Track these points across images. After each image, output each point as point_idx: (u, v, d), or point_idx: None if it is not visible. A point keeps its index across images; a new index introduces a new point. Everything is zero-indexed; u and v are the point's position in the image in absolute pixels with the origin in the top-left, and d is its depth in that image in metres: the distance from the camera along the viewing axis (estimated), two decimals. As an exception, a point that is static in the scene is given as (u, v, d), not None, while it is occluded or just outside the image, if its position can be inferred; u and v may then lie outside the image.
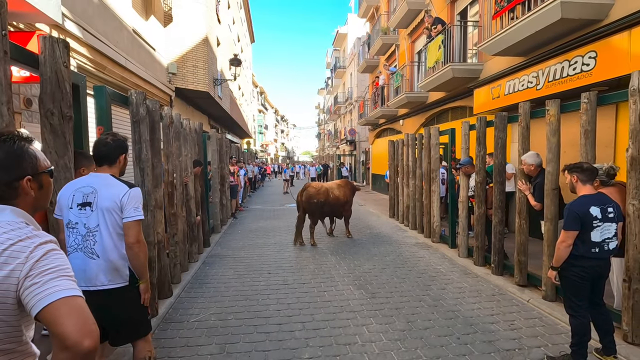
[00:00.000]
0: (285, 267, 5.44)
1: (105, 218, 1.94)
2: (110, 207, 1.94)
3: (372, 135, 19.69)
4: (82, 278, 1.93)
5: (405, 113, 13.69)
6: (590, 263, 2.62)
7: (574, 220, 2.60)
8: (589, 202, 2.64)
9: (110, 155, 2.06)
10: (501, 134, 4.87)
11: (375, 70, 18.53)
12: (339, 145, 32.83)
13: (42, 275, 0.89)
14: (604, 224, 2.61)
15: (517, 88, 6.81)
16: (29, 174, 1.03)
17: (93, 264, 1.94)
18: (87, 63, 5.56)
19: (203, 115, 14.93)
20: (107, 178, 2.03)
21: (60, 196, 2.01)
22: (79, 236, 1.95)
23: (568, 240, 2.62)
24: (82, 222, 1.95)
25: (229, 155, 10.26)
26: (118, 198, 1.95)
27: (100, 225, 1.94)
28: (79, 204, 1.95)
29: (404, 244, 6.92)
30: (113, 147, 2.06)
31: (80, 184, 2.01)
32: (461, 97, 9.62)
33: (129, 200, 1.97)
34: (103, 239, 1.95)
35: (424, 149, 7.45)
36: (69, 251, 1.96)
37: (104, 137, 2.08)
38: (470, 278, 4.91)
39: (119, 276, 2.00)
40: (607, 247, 2.62)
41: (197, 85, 10.33)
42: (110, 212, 1.95)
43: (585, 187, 2.72)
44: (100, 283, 1.95)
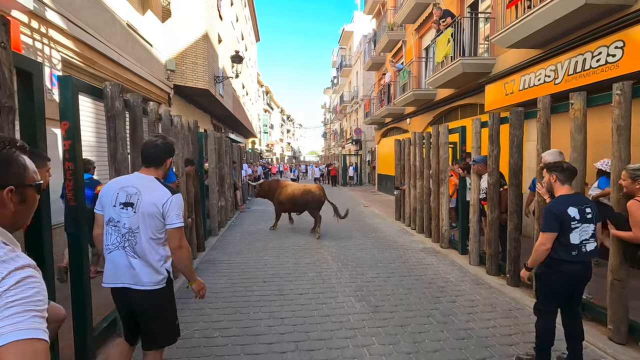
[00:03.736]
0: (282, 274, 5.06)
1: (146, 221, 1.97)
2: (152, 212, 1.96)
3: (378, 134, 19.25)
4: (128, 276, 1.97)
5: (412, 111, 13.24)
6: (570, 267, 2.54)
7: (552, 221, 2.52)
8: (566, 202, 2.57)
9: (159, 158, 2.09)
10: (517, 131, 4.44)
11: (382, 67, 18.08)
12: (344, 145, 32.41)
13: (6, 307, 0.79)
14: (583, 225, 2.53)
15: (533, 83, 6.35)
16: (12, 184, 0.93)
17: (135, 263, 1.97)
18: (74, 57, 5.25)
19: (205, 114, 14.65)
20: (152, 181, 2.05)
21: (104, 192, 2.05)
22: (119, 235, 1.98)
23: (547, 242, 2.55)
24: (123, 222, 1.98)
25: (229, 154, 9.93)
26: (160, 204, 1.97)
27: (140, 228, 1.97)
28: (122, 202, 1.98)
29: (410, 249, 6.51)
30: (162, 149, 2.09)
31: (126, 183, 2.04)
32: (471, 94, 9.16)
33: (171, 206, 1.99)
34: (142, 241, 1.97)
35: (432, 148, 7.02)
36: (110, 249, 2.00)
37: (154, 139, 2.11)
38: (483, 289, 4.48)
39: (156, 279, 2.02)
40: (584, 249, 2.53)
41: (196, 83, 10.02)
42: (152, 217, 1.97)
43: (563, 187, 2.64)
44: (142, 283, 1.98)
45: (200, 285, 2.23)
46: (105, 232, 2.02)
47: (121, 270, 1.97)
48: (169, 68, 9.46)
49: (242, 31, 20.92)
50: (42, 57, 4.56)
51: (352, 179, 23.87)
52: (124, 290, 1.99)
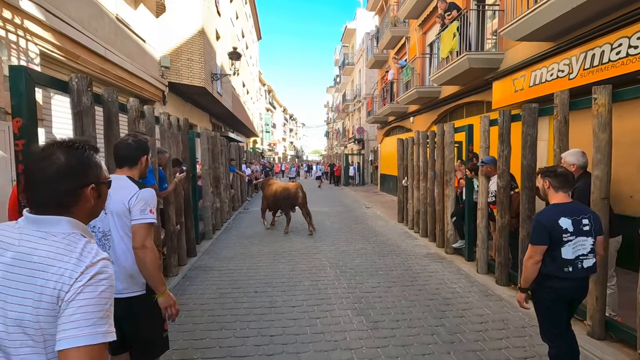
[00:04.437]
0: (275, 283, 4.72)
1: (116, 222, 1.87)
2: (119, 211, 1.86)
3: (381, 133, 18.86)
4: None
5: (416, 110, 12.85)
6: (562, 284, 2.29)
7: (540, 233, 2.28)
8: (558, 212, 2.31)
9: (131, 156, 2.01)
10: (530, 129, 4.06)
11: (384, 65, 17.69)
12: (346, 144, 32.03)
13: (77, 310, 0.88)
14: (578, 238, 2.26)
15: (545, 78, 5.95)
16: (93, 182, 1.06)
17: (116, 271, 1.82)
18: (54, 50, 4.93)
19: (203, 113, 14.34)
20: (123, 180, 1.92)
21: None
22: (96, 239, 1.85)
23: (535, 256, 2.31)
24: (97, 225, 1.88)
25: (225, 154, 9.61)
26: (126, 200, 1.86)
27: (111, 230, 1.87)
28: None
29: (413, 255, 6.14)
30: (134, 147, 2.03)
31: None
32: (478, 91, 8.77)
33: (136, 201, 1.86)
34: (115, 244, 1.87)
35: (436, 148, 6.65)
36: None
37: (126, 138, 2.05)
38: (492, 302, 4.11)
39: (134, 284, 1.89)
40: (581, 265, 2.27)
41: (192, 80, 9.70)
42: (120, 216, 1.86)
43: (557, 195, 2.39)
44: (118, 291, 1.81)
45: (168, 300, 1.90)
46: None
47: None
48: (163, 65, 9.14)
49: (243, 28, 20.60)
50: (17, 50, 4.24)
51: (353, 179, 23.47)
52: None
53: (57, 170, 0.99)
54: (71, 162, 1.01)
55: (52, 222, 0.99)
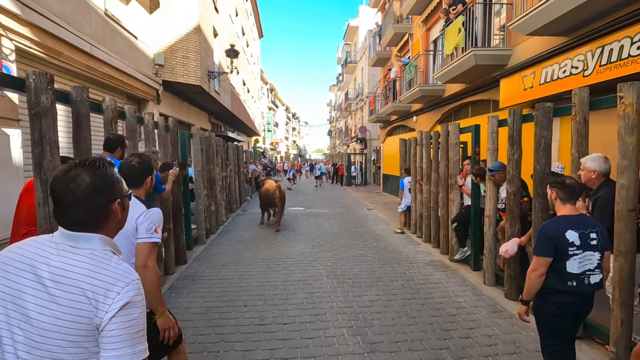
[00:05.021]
0: (267, 295, 4.40)
1: (122, 241, 1.81)
2: (127, 229, 1.81)
3: (383, 133, 18.49)
4: None
5: (419, 109, 12.47)
6: (565, 299, 2.20)
7: (545, 245, 2.21)
8: (565, 224, 2.23)
9: (136, 179, 2.02)
10: (544, 131, 3.70)
11: (387, 63, 17.30)
12: (349, 144, 31.66)
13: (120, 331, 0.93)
14: (585, 253, 2.18)
15: (557, 75, 5.58)
16: (119, 197, 1.11)
17: None
18: (33, 46, 4.62)
19: (202, 112, 14.05)
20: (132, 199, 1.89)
21: None
22: None
23: (540, 268, 2.23)
24: None
25: (221, 155, 9.30)
26: (134, 219, 1.85)
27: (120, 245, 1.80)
28: None
29: (415, 263, 5.80)
30: (139, 169, 2.03)
31: None
32: (484, 90, 8.39)
33: (144, 220, 1.87)
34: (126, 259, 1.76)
35: (440, 149, 6.29)
36: None
37: (130, 159, 2.05)
38: (502, 320, 3.76)
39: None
40: (587, 281, 2.18)
41: (187, 78, 9.39)
42: (127, 235, 1.84)
43: (564, 207, 2.32)
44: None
45: (167, 322, 1.88)
46: None
47: None
48: (157, 62, 8.83)
49: (243, 26, 20.27)
50: (-12, 45, 3.94)
51: (354, 179, 23.09)
52: None
53: (86, 190, 1.03)
54: (97, 181, 1.05)
55: (86, 239, 1.04)
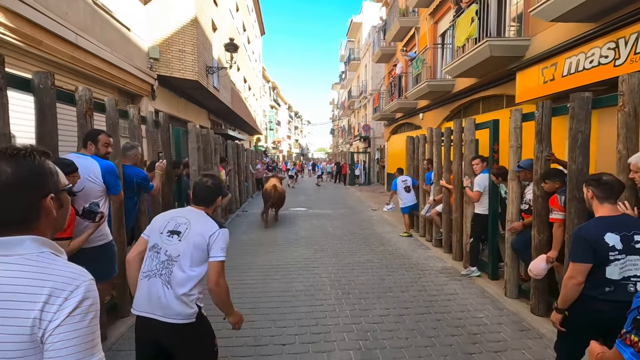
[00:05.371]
0: (264, 309, 3.96)
1: (189, 251, 1.90)
2: (197, 242, 1.92)
3: (388, 131, 18.01)
4: (158, 306, 1.84)
5: (426, 105, 11.99)
6: (598, 306, 1.98)
7: (583, 250, 2.01)
8: (604, 226, 2.01)
9: (209, 199, 2.11)
10: (582, 125, 3.23)
11: (392, 59, 16.81)
12: (352, 142, 31.19)
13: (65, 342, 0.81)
14: (628, 257, 1.95)
15: (583, 66, 5.09)
16: (52, 191, 0.95)
17: (168, 293, 1.85)
18: (7, 33, 4.19)
19: (201, 109, 13.63)
20: (203, 215, 2.05)
21: (156, 220, 2.07)
22: (158, 262, 1.90)
23: (578, 276, 2.02)
24: (165, 249, 1.92)
25: (220, 153, 8.87)
26: (207, 235, 1.94)
27: (180, 257, 1.89)
28: (169, 230, 1.97)
29: (427, 270, 5.35)
30: (212, 190, 2.12)
31: (178, 214, 2.06)
32: (496, 84, 7.90)
33: (217, 239, 1.94)
34: (176, 270, 1.88)
35: (453, 146, 5.83)
36: (149, 275, 1.89)
37: (205, 180, 2.14)
38: (531, 340, 3.30)
39: (185, 313, 1.86)
40: (632, 288, 1.94)
41: (184, 73, 8.96)
42: (197, 247, 1.91)
43: (602, 207, 2.10)
44: (169, 315, 1.83)
45: (236, 318, 2.12)
46: (146, 257, 1.96)
47: (153, 300, 1.85)
48: (152, 56, 8.41)
49: (244, 22, 19.83)
50: (-48, 29, 3.51)
51: (357, 178, 22.62)
52: (152, 321, 1.84)
53: (6, 184, 0.87)
54: (20, 172, 0.88)
55: (14, 243, 0.88)
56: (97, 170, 2.86)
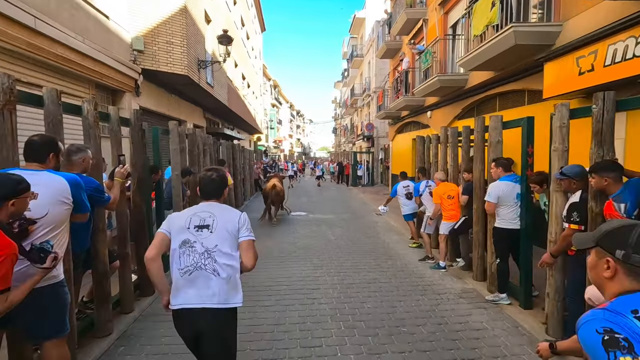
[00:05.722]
0: (250, 352, 3.18)
1: (224, 239, 2.02)
2: (230, 229, 2.04)
3: (393, 130, 17.20)
4: (208, 295, 1.94)
5: (435, 103, 11.17)
6: None
7: None
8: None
9: (217, 191, 2.18)
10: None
11: (397, 54, 15.97)
12: (355, 142, 30.38)
13: None
14: None
15: (633, 53, 4.27)
16: None
17: (214, 282, 1.97)
18: None
19: (195, 107, 12.88)
20: (220, 205, 2.16)
21: (174, 219, 2.09)
22: (197, 255, 1.98)
23: None
24: (199, 242, 1.99)
25: (210, 155, 8.10)
26: (235, 221, 2.08)
27: (218, 246, 2.00)
28: (196, 225, 2.02)
29: (444, 294, 4.55)
30: (218, 183, 2.17)
31: (198, 210, 2.11)
32: (518, 77, 7.09)
33: (244, 221, 2.11)
34: (219, 258, 1.99)
35: (475, 149, 5.02)
36: (189, 270, 1.96)
37: (209, 174, 2.17)
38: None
39: (233, 296, 2.02)
40: None
41: (172, 67, 8.19)
42: (230, 234, 2.04)
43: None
44: (217, 301, 1.95)
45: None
46: (178, 254, 1.99)
47: (202, 291, 1.94)
48: (135, 48, 7.64)
49: (243, 16, 19.04)
50: None
51: (360, 179, 21.80)
52: (198, 311, 1.93)
53: None
54: None
55: None
56: (66, 187, 2.28)
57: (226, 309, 1.97)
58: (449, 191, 5.57)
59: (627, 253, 1.05)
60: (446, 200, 5.52)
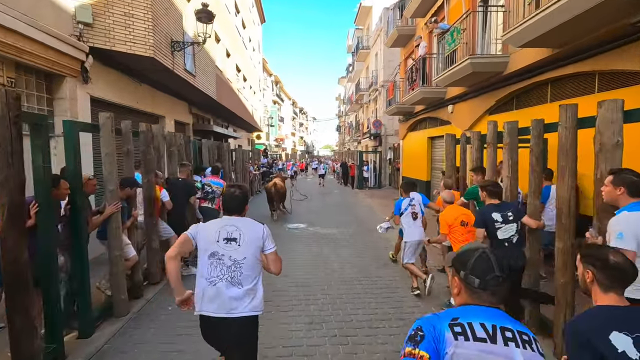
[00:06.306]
0: None
1: (251, 252, 2.16)
2: (257, 243, 2.19)
3: (404, 127, 15.36)
4: (231, 306, 2.09)
5: (460, 94, 9.33)
6: None
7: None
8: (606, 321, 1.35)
9: (239, 207, 2.30)
10: None
11: (410, 41, 14.11)
12: (360, 140, 28.54)
13: None
14: None
15: None
16: None
17: (239, 292, 2.10)
18: None
19: (178, 101, 11.14)
20: (244, 219, 2.28)
21: (205, 230, 2.21)
22: (224, 267, 2.11)
23: None
24: (227, 255, 2.12)
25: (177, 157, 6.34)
26: (260, 235, 2.22)
27: (247, 258, 2.14)
28: (225, 238, 2.16)
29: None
30: (241, 199, 2.31)
31: (225, 223, 2.22)
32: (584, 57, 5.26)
33: (267, 235, 2.25)
34: (244, 269, 2.12)
35: (559, 153, 3.21)
36: (215, 281, 2.11)
37: (233, 191, 2.31)
38: None
39: (257, 305, 2.16)
40: None
41: (131, 47, 6.43)
42: (256, 247, 2.19)
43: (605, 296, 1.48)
44: (240, 311, 2.10)
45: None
46: (208, 264, 2.12)
47: (226, 301, 2.07)
48: (81, 20, 5.89)
49: (237, 2, 17.27)
50: None
51: (366, 181, 19.90)
52: (224, 320, 2.08)
53: None
54: None
55: None
56: None
57: (247, 317, 2.11)
58: (461, 216, 4.23)
59: (466, 274, 1.24)
60: (458, 228, 4.19)
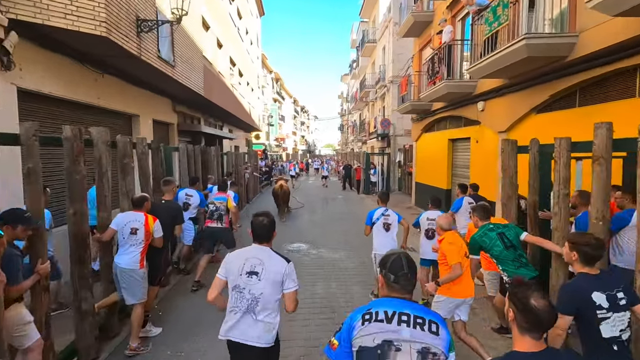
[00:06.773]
0: None
1: (270, 288, 2.29)
2: (275, 280, 2.30)
3: (418, 127, 13.65)
4: (248, 335, 2.28)
5: (497, 87, 7.64)
6: None
7: None
8: None
9: (268, 234, 2.44)
10: None
11: (427, 29, 12.38)
12: (365, 140, 26.82)
13: None
14: None
15: None
16: None
17: (257, 325, 2.28)
18: None
19: (158, 97, 9.47)
20: (270, 252, 2.41)
21: (231, 261, 2.39)
22: (244, 300, 2.29)
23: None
24: (248, 289, 2.29)
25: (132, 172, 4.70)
26: (281, 272, 2.31)
27: (263, 294, 2.28)
28: (247, 271, 2.31)
29: None
30: (268, 227, 2.43)
31: (250, 254, 2.38)
32: None
33: (289, 273, 2.34)
34: (261, 305, 2.28)
35: None
36: (236, 311, 2.31)
37: (261, 219, 2.43)
38: None
39: (272, 337, 2.34)
40: None
41: (74, 21, 4.78)
42: (276, 284, 2.30)
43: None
44: (257, 341, 2.28)
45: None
46: (231, 296, 2.34)
47: (244, 330, 2.28)
48: (-4, -19, 4.26)
49: (233, -11, 15.60)
50: None
51: (373, 185, 18.20)
52: (243, 346, 2.28)
53: None
54: None
55: None
56: None
57: (263, 348, 2.29)
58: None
59: (385, 272, 1.69)
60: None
